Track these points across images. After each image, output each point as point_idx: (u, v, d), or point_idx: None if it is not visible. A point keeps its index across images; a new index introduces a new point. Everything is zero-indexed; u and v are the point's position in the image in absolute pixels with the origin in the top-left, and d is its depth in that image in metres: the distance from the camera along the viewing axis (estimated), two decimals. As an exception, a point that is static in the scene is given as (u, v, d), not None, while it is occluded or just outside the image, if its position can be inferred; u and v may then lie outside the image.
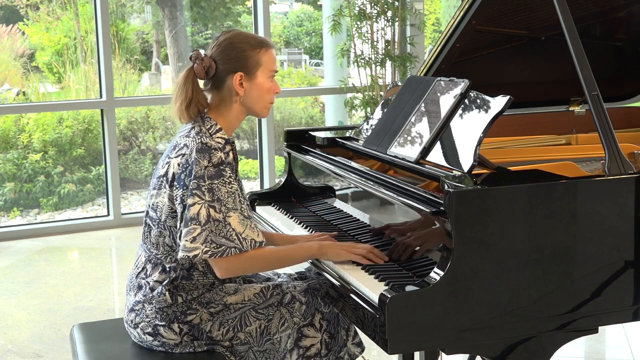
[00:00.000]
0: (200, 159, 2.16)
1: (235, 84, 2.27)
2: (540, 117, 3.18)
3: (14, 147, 7.17)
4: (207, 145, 2.18)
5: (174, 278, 2.26)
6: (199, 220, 2.13)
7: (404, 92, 2.64)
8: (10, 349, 3.77)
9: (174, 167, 2.22)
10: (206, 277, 2.29)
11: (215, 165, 2.17)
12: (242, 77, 2.27)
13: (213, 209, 2.14)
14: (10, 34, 8.32)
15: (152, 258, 2.30)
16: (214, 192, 2.14)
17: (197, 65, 2.27)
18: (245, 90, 2.28)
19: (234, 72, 2.26)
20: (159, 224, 2.26)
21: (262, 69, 2.29)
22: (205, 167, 2.15)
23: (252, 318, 2.28)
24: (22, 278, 4.90)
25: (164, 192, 2.24)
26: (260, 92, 2.30)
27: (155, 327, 2.26)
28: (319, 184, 2.91)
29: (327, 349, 2.33)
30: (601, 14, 3.12)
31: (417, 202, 2.10)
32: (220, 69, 2.27)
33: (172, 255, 2.27)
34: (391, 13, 6.40)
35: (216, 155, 2.18)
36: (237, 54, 2.27)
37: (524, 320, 2.04)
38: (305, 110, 9.00)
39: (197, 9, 9.36)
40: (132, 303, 2.32)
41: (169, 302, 2.25)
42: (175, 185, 2.20)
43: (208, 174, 2.15)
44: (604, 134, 2.19)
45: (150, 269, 2.30)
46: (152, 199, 2.28)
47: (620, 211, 2.11)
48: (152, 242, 2.29)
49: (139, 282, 2.31)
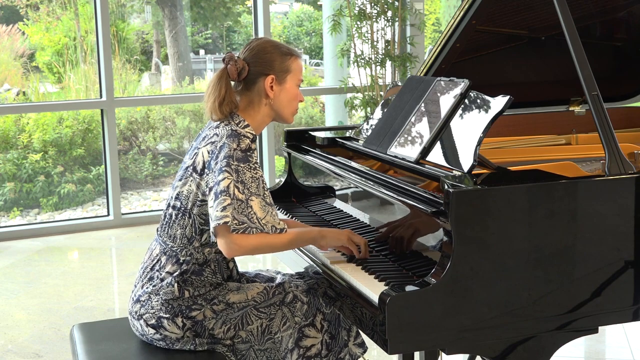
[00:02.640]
0: (229, 142, 2.25)
1: (266, 86, 2.34)
2: (540, 117, 3.18)
3: (14, 147, 7.17)
4: (237, 132, 2.28)
5: (185, 271, 2.30)
6: (229, 193, 2.19)
7: (404, 92, 2.64)
8: (10, 349, 3.77)
9: (203, 156, 2.29)
10: (215, 277, 2.33)
11: (243, 150, 2.25)
12: (274, 80, 2.35)
13: (237, 189, 2.20)
14: (10, 34, 8.32)
15: (167, 250, 2.34)
16: (239, 173, 2.22)
17: (230, 66, 2.34)
18: (275, 94, 2.36)
19: (266, 74, 2.34)
20: (184, 212, 2.31)
21: (291, 76, 2.38)
22: (234, 150, 2.24)
23: (254, 317, 2.29)
24: (22, 278, 4.90)
25: (191, 181, 2.30)
26: (289, 97, 2.38)
27: (159, 319, 2.29)
28: (319, 184, 2.91)
29: (327, 350, 2.34)
30: (601, 14, 3.12)
31: (417, 202, 2.11)
32: (252, 71, 2.35)
33: (187, 249, 2.31)
34: (391, 13, 6.40)
35: (245, 142, 2.27)
36: (270, 58, 2.35)
37: (524, 320, 2.04)
38: (305, 110, 9.00)
39: (197, 9, 9.36)
40: (138, 294, 2.35)
41: (175, 295, 2.28)
42: (205, 172, 2.27)
43: (236, 155, 2.23)
44: (604, 134, 2.19)
45: (165, 260, 2.33)
46: (177, 189, 2.34)
47: (620, 211, 2.11)
48: (169, 234, 2.34)
49: (151, 275, 2.34)
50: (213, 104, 2.34)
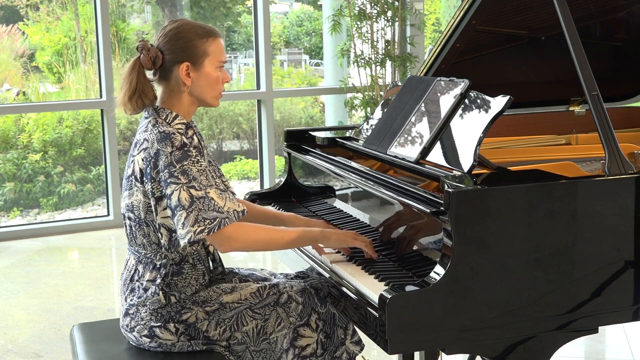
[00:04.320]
0: (163, 147, 2.16)
1: (182, 74, 2.25)
2: (540, 117, 3.18)
3: (14, 147, 7.17)
4: (165, 132, 2.18)
5: (165, 274, 2.25)
6: (182, 205, 2.12)
7: (404, 92, 2.64)
8: (10, 349, 3.77)
9: (139, 164, 2.22)
10: (196, 269, 2.29)
11: (179, 148, 2.16)
12: (189, 67, 2.25)
13: (193, 188, 2.13)
14: (10, 34, 8.32)
15: (142, 259, 2.30)
16: (187, 173, 2.14)
17: (143, 56, 2.25)
18: (192, 80, 2.26)
19: (180, 62, 2.24)
20: (140, 223, 2.26)
21: (209, 59, 2.26)
22: (171, 153, 2.15)
23: (249, 318, 2.28)
24: (22, 278, 4.90)
25: (136, 190, 2.24)
26: (208, 81, 2.27)
27: (151, 328, 2.26)
28: (319, 184, 2.91)
29: (322, 349, 2.33)
30: (601, 14, 3.12)
31: (417, 202, 2.10)
32: (167, 59, 2.25)
33: (161, 252, 2.26)
34: (391, 13, 6.40)
35: (177, 139, 2.17)
36: (183, 44, 2.25)
37: (524, 320, 2.04)
38: (305, 110, 9.01)
39: (197, 9, 9.36)
40: (126, 307, 2.32)
41: (162, 303, 2.25)
42: (144, 180, 2.21)
43: (175, 158, 2.15)
44: (604, 134, 2.19)
45: (142, 269, 2.30)
46: (127, 200, 2.28)
47: (620, 211, 2.11)
48: (138, 243, 2.29)
49: (132, 286, 2.32)
50: (123, 98, 2.24)
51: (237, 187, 7.93)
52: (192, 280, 2.29)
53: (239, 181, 8.21)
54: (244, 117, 8.64)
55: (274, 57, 10.63)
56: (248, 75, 9.50)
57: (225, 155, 8.59)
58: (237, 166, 8.34)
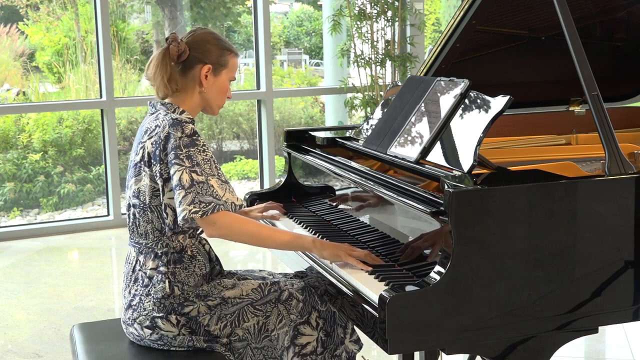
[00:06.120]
0: (173, 132, 2.25)
1: (202, 74, 2.37)
2: (540, 117, 3.18)
3: (14, 147, 7.17)
4: (177, 119, 2.28)
5: (167, 262, 2.30)
6: (182, 185, 2.20)
7: (404, 92, 2.64)
8: (10, 349, 3.77)
9: (148, 148, 2.30)
10: (196, 259, 2.33)
11: (189, 135, 2.26)
12: (210, 70, 2.37)
13: (195, 172, 2.22)
14: (10, 34, 8.32)
15: (142, 249, 2.34)
16: (192, 158, 2.23)
17: (172, 46, 2.35)
18: (208, 83, 2.38)
19: (204, 63, 2.37)
20: (144, 208, 2.31)
21: (226, 71, 2.41)
22: (180, 138, 2.24)
23: (250, 314, 2.30)
24: (22, 278, 4.90)
25: (144, 175, 2.31)
26: (219, 89, 2.41)
27: (153, 319, 2.28)
28: (319, 184, 2.91)
29: (322, 347, 2.34)
30: (601, 14, 3.12)
31: (417, 202, 2.11)
32: (192, 56, 2.37)
33: (162, 240, 2.31)
34: (391, 13, 6.40)
35: (188, 127, 2.27)
36: (211, 48, 2.38)
37: (524, 320, 2.04)
38: (305, 110, 9.00)
39: (197, 9, 9.36)
40: (129, 299, 2.34)
41: (167, 292, 2.27)
42: (152, 162, 2.28)
43: (183, 143, 2.24)
44: (604, 134, 2.19)
45: (143, 259, 2.34)
46: (133, 187, 2.34)
47: (620, 211, 2.11)
48: (139, 233, 2.34)
49: (134, 276, 2.34)
50: (162, 81, 2.35)
51: (237, 187, 7.93)
52: (196, 268, 2.32)
53: (239, 181, 8.21)
54: (244, 117, 8.65)
55: (274, 57, 10.63)
56: (248, 75, 9.50)
57: (225, 155, 8.59)
58: (237, 166, 8.35)
